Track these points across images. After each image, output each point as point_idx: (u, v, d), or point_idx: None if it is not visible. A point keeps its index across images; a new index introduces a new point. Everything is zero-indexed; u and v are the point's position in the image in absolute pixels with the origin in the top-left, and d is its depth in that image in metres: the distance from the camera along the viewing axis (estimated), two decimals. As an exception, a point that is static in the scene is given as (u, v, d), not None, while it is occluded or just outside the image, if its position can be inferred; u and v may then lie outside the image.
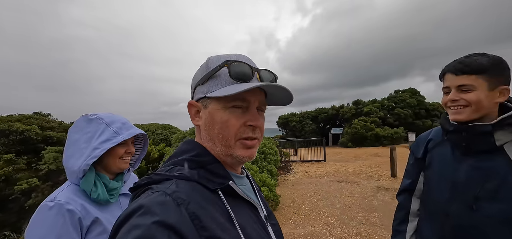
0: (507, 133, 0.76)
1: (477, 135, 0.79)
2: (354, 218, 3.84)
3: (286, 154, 9.35)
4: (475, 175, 0.79)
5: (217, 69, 0.48)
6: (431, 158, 0.96)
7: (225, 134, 0.48)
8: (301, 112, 24.16)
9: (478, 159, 0.80)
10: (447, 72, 0.85)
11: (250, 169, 4.56)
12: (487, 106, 0.78)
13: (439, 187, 0.89)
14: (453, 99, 0.81)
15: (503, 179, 0.74)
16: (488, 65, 0.77)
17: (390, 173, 6.62)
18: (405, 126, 17.86)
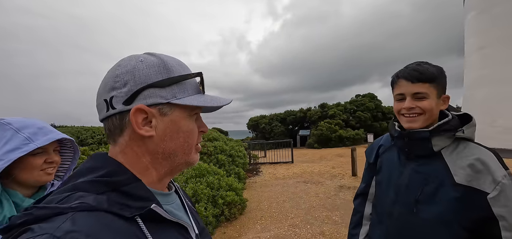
0: (444, 139, 0.80)
1: (416, 141, 0.82)
2: (318, 217, 3.97)
3: (255, 156, 9.37)
4: (416, 179, 0.82)
5: (189, 77, 0.47)
6: (381, 163, 0.99)
7: (190, 142, 0.47)
8: (270, 114, 24.56)
9: (418, 163, 0.84)
10: (402, 78, 0.85)
11: (217, 173, 4.43)
12: (436, 114, 0.82)
13: (387, 191, 0.92)
14: (410, 107, 0.82)
15: (440, 183, 0.77)
16: (437, 73, 0.81)
17: (351, 172, 7.04)
18: (365, 128, 19.33)
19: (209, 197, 3.69)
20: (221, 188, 4.03)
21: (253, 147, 12.86)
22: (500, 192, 0.68)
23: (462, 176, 0.74)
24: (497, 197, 0.68)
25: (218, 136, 6.92)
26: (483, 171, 0.71)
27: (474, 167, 0.73)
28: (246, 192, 5.59)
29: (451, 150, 0.79)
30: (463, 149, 0.78)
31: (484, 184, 0.70)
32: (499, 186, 0.69)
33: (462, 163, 0.75)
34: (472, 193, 0.72)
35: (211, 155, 5.61)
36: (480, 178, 0.71)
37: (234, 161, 5.84)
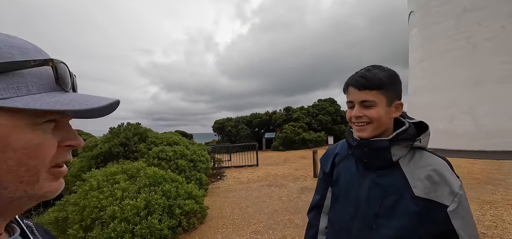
0: (402, 148, 0.76)
1: (375, 151, 0.78)
2: (280, 222, 3.95)
3: (219, 160, 9.11)
4: (375, 192, 0.78)
5: (29, 66, 0.31)
6: (338, 173, 0.92)
7: (32, 165, 0.32)
8: (237, 117, 24.38)
9: (378, 174, 0.79)
10: (350, 86, 0.81)
11: (175, 180, 4.12)
12: (386, 122, 0.78)
13: (345, 205, 0.86)
14: (357, 116, 0.78)
15: (400, 195, 0.73)
16: (386, 80, 0.76)
17: (313, 174, 7.29)
18: (326, 131, 20.49)
19: (164, 208, 3.39)
20: (179, 197, 3.74)
21: (219, 151, 12.55)
22: (459, 204, 0.67)
23: (420, 188, 0.71)
24: (456, 210, 0.66)
25: (179, 140, 6.52)
26: (440, 182, 0.69)
27: (431, 178, 0.70)
28: (208, 199, 5.34)
29: (408, 160, 0.76)
30: (419, 159, 0.75)
31: (443, 197, 0.68)
32: (457, 198, 0.67)
33: (419, 175, 0.72)
34: (431, 206, 0.69)
35: (170, 161, 5.23)
36: (438, 190, 0.69)
37: (196, 166, 5.55)
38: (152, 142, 5.90)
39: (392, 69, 0.80)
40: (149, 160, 5.15)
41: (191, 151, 5.91)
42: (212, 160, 8.84)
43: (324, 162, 1.01)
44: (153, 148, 5.52)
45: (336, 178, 0.92)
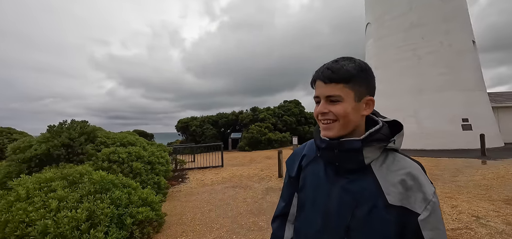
0: (374, 149, 0.68)
1: (346, 152, 0.69)
2: (245, 225, 3.81)
3: (181, 162, 8.61)
4: (346, 200, 0.68)
5: None
6: (304, 178, 0.81)
7: None
8: (202, 116, 23.61)
9: (348, 180, 0.70)
10: (317, 79, 0.72)
11: (128, 185, 3.68)
12: (354, 120, 0.69)
13: (312, 216, 0.75)
14: (322, 112, 0.70)
15: (373, 204, 0.65)
16: (355, 72, 0.67)
17: (278, 174, 7.34)
18: (291, 131, 21.12)
19: (113, 218, 2.97)
20: (131, 204, 3.33)
21: (182, 152, 11.92)
22: (431, 213, 0.61)
23: (394, 195, 0.63)
24: (428, 219, 0.60)
25: (135, 140, 5.93)
26: (414, 187, 0.63)
27: (405, 183, 0.64)
28: (167, 204, 4.94)
29: (380, 163, 0.68)
30: (392, 162, 0.68)
31: (415, 204, 0.62)
32: (429, 205, 0.61)
33: (393, 179, 0.65)
34: (405, 214, 0.62)
35: (123, 164, 4.70)
36: (411, 196, 0.62)
37: (154, 169, 5.09)
38: (102, 142, 5.23)
39: (363, 61, 0.71)
40: (97, 163, 4.54)
41: (149, 152, 5.42)
42: (174, 161, 8.31)
43: (290, 165, 0.89)
44: (103, 149, 4.90)
45: (302, 183, 0.81)
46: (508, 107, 14.16)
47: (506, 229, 3.19)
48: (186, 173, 8.21)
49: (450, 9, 12.43)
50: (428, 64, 12.27)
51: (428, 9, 12.41)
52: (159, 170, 5.15)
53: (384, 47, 13.56)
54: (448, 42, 12.17)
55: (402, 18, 13.04)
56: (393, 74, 12.90)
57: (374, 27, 14.46)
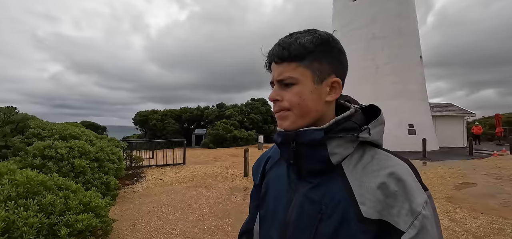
0: (345, 143, 0.52)
1: (305, 147, 0.53)
2: (207, 229, 3.52)
3: (137, 159, 7.81)
4: (308, 212, 0.52)
5: None
6: (267, 185, 0.65)
7: None
8: (163, 110, 22.14)
9: (312, 185, 0.54)
10: (271, 59, 0.57)
11: (65, 187, 3.06)
12: (315, 108, 0.53)
13: (269, 229, 0.60)
14: (274, 98, 0.55)
15: (342, 217, 0.48)
16: (312, 46, 0.51)
17: (243, 173, 7.14)
18: (257, 130, 21.16)
19: (41, 229, 2.40)
20: (68, 211, 2.76)
21: (139, 147, 10.92)
22: (420, 231, 0.43)
23: (371, 204, 0.46)
24: (416, 237, 0.43)
25: (80, 132, 5.11)
26: (398, 195, 0.45)
27: (385, 188, 0.46)
28: (116, 208, 4.33)
29: (355, 162, 0.51)
30: (370, 161, 0.51)
31: (398, 217, 0.44)
32: (418, 220, 0.43)
33: (370, 183, 0.48)
34: (385, 230, 0.45)
35: (62, 161, 3.95)
36: (394, 206, 0.45)
37: (102, 167, 4.41)
38: (35, 134, 4.34)
39: (327, 32, 0.55)
40: (26, 159, 3.73)
41: (97, 147, 4.69)
42: (128, 158, 7.50)
43: (254, 171, 0.73)
44: (35, 143, 4.06)
45: (264, 191, 0.66)
46: (443, 116, 16.42)
47: (451, 225, 3.52)
48: (142, 171, 7.47)
49: (405, 25, 13.86)
50: (384, 73, 13.47)
51: (387, 23, 13.65)
52: (109, 169, 4.48)
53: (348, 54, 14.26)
54: (401, 55, 13.53)
55: (365, 29, 14.07)
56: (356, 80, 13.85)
57: (340, 34, 15.31)
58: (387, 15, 13.70)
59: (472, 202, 4.54)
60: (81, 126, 6.32)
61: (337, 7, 16.06)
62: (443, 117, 16.43)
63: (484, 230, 3.32)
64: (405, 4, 14.15)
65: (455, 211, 4.05)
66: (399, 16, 13.80)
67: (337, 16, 16.04)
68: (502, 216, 3.80)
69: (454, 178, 6.55)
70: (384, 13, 13.72)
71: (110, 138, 6.68)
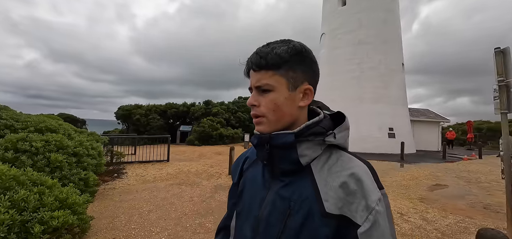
0: (313, 146, 0.58)
1: (278, 149, 0.58)
2: (190, 227, 3.50)
3: (118, 154, 7.58)
4: (279, 208, 0.57)
5: None
6: (243, 183, 0.70)
7: None
8: (148, 105, 21.54)
9: (283, 184, 0.59)
10: (250, 68, 0.61)
11: (39, 182, 2.93)
12: (289, 113, 0.59)
13: (244, 226, 0.65)
14: (252, 104, 0.61)
15: (308, 212, 0.53)
16: (287, 56, 0.56)
17: (228, 171, 7.15)
18: (243, 128, 21.15)
19: (12, 226, 2.29)
20: (43, 207, 2.65)
21: (121, 142, 10.59)
22: (373, 225, 0.49)
23: (333, 201, 0.52)
24: (369, 232, 0.49)
25: (58, 125, 4.88)
26: (357, 192, 0.51)
27: (346, 187, 0.52)
28: (95, 204, 4.20)
29: (322, 163, 0.57)
30: (335, 162, 0.57)
31: (356, 212, 0.50)
32: (372, 215, 0.50)
33: (333, 183, 0.54)
34: (345, 225, 0.51)
35: (37, 155, 3.76)
36: (353, 203, 0.51)
37: (81, 162, 4.24)
38: (7, 126, 4.10)
39: (301, 43, 0.60)
40: (-3, 152, 3.52)
41: (75, 141, 4.51)
42: (109, 154, 7.26)
43: (233, 170, 0.78)
44: (7, 135, 3.83)
45: (241, 189, 0.70)
46: (421, 121, 17.28)
47: (423, 224, 3.74)
48: (124, 168, 7.25)
49: (389, 33, 14.42)
50: (368, 78, 13.95)
51: (373, 30, 14.13)
52: (88, 164, 4.32)
53: (335, 57, 14.84)
54: (385, 61, 14.05)
55: (353, 34, 14.48)
56: (341, 83, 14.26)
57: (328, 38, 15.65)
58: (373, 22, 14.18)
59: (443, 202, 4.85)
60: (58, 119, 6.03)
61: (326, 11, 16.40)
62: (421, 122, 17.29)
63: (451, 229, 3.57)
64: (391, 13, 14.72)
65: (427, 211, 4.31)
66: (384, 23, 14.33)
67: (326, 19, 16.37)
68: (468, 216, 4.09)
69: (428, 179, 6.95)
70: (370, 20, 14.20)
71: (90, 132, 6.43)
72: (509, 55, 3.09)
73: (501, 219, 3.94)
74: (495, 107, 3.28)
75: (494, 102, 3.30)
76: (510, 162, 3.18)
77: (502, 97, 3.14)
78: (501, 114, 3.18)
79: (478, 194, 5.50)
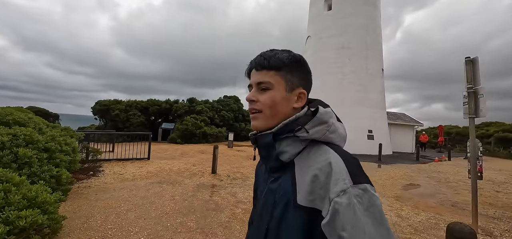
0: (293, 142, 0.62)
1: (263, 148, 0.66)
2: (171, 227, 3.41)
3: (95, 151, 7.20)
4: (269, 200, 0.64)
5: None
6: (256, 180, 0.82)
7: None
8: (128, 101, 20.69)
9: (273, 179, 0.66)
10: (252, 67, 0.69)
11: (6, 179, 2.71)
12: (284, 111, 0.64)
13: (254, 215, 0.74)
14: (251, 99, 0.66)
15: (286, 204, 0.58)
16: (287, 61, 0.65)
17: (211, 170, 7.05)
18: (227, 127, 20.98)
19: (-28, 226, 2.09)
20: (9, 206, 2.45)
21: (98, 139, 10.08)
22: (334, 215, 0.48)
23: (304, 194, 0.55)
24: (330, 223, 0.48)
25: (27, 119, 4.53)
26: (325, 184, 0.52)
27: (317, 179, 0.54)
28: (68, 204, 3.96)
29: (304, 159, 0.61)
30: (313, 156, 0.59)
31: (323, 204, 0.51)
32: (331, 206, 0.49)
33: (306, 176, 0.57)
34: (314, 218, 0.52)
35: (3, 149, 3.47)
36: (320, 195, 0.52)
37: (53, 158, 3.98)
38: (-33, 117, 3.73)
39: (300, 55, 0.70)
40: (-45, 146, 3.20)
41: (47, 136, 4.22)
42: (85, 150, 6.88)
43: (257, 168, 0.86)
44: (-32, 127, 3.49)
45: (255, 186, 0.82)
46: (397, 124, 18.19)
47: (398, 220, 3.94)
48: (100, 165, 6.90)
49: (370, 39, 15.03)
50: (349, 81, 14.44)
51: (355, 36, 14.66)
52: (60, 160, 4.06)
53: (319, 60, 15.20)
54: (365, 66, 14.62)
55: (336, 39, 14.91)
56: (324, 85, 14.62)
57: (313, 41, 15.99)
58: (356, 28, 14.71)
59: (416, 200, 5.14)
60: (28, 112, 5.60)
61: (313, 14, 16.74)
62: (397, 125, 18.21)
63: (423, 225, 3.79)
64: (372, 20, 15.35)
65: (402, 208, 4.54)
66: (366, 30, 14.90)
67: (312, 22, 16.70)
68: (438, 213, 4.37)
69: (403, 179, 7.33)
70: (353, 26, 14.71)
71: (63, 127, 6.05)
72: (477, 64, 3.34)
73: (467, 216, 4.26)
74: (464, 112, 3.53)
75: (463, 107, 3.55)
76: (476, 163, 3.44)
77: (471, 103, 3.38)
78: (469, 118, 3.43)
79: (446, 193, 5.89)
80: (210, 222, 3.61)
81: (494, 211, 4.59)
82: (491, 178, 7.81)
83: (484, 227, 3.78)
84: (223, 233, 3.30)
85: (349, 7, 14.85)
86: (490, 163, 12.23)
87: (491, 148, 18.25)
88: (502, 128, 21.08)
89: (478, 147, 3.54)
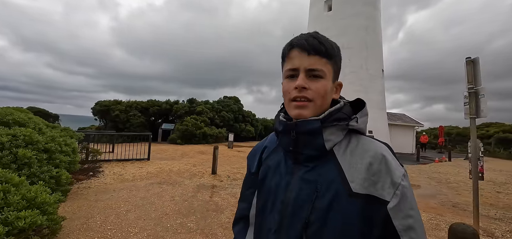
0: (337, 131, 0.61)
1: (304, 135, 0.61)
2: (170, 227, 3.40)
3: (95, 152, 7.19)
4: (305, 192, 0.60)
5: None
6: (264, 172, 0.72)
7: None
8: (128, 101, 20.67)
9: (308, 168, 0.62)
10: (296, 48, 0.61)
11: (7, 180, 2.70)
12: (328, 102, 0.63)
13: (270, 212, 0.66)
14: (303, 86, 0.59)
15: (335, 193, 0.56)
16: (337, 50, 0.63)
17: (211, 170, 7.04)
18: (228, 128, 20.97)
19: (-30, 227, 2.08)
20: (8, 206, 2.44)
21: (98, 140, 10.07)
22: (401, 199, 0.52)
23: (358, 181, 0.56)
24: (398, 206, 0.52)
25: (27, 119, 4.53)
26: (382, 171, 0.55)
27: (371, 167, 0.56)
28: (68, 204, 3.95)
29: (344, 147, 0.61)
30: (357, 145, 0.60)
31: (383, 190, 0.53)
32: (399, 190, 0.53)
33: (357, 164, 0.57)
34: (371, 204, 0.54)
35: (2, 150, 3.46)
36: (379, 181, 0.54)
37: (53, 158, 3.96)
38: (-33, 118, 3.73)
39: None
40: (-46, 146, 3.19)
41: (47, 137, 4.21)
42: (85, 151, 6.87)
43: (250, 160, 0.80)
44: (-33, 127, 3.48)
45: (262, 177, 0.72)
46: (397, 124, 18.18)
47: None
48: (100, 166, 6.89)
49: (370, 40, 15.02)
50: (349, 81, 14.41)
51: (355, 36, 14.66)
52: (60, 161, 4.05)
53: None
54: (365, 67, 14.62)
55: (336, 40, 14.34)
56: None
57: (312, 41, 15.99)
58: (356, 29, 14.71)
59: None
60: (28, 112, 5.59)
61: (313, 15, 16.75)
62: (397, 125, 18.21)
63: (424, 226, 3.77)
64: (372, 20, 15.36)
65: (403, 210, 4.53)
66: (366, 30, 14.91)
67: (312, 23, 16.71)
68: (439, 214, 4.35)
69: (404, 180, 7.31)
70: (353, 27, 14.72)
71: (63, 127, 6.04)
72: (478, 64, 3.33)
73: (468, 216, 4.24)
74: (465, 113, 3.52)
75: (464, 108, 3.54)
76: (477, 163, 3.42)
77: (471, 103, 3.37)
78: (470, 119, 3.42)
79: (447, 194, 5.87)
80: (210, 222, 3.60)
81: (495, 212, 4.57)
82: (492, 179, 7.79)
83: (485, 228, 3.77)
84: (223, 234, 3.28)
85: (349, 8, 14.86)
86: (491, 163, 12.20)
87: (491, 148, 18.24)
88: (502, 129, 21.08)
89: (479, 148, 3.53)
